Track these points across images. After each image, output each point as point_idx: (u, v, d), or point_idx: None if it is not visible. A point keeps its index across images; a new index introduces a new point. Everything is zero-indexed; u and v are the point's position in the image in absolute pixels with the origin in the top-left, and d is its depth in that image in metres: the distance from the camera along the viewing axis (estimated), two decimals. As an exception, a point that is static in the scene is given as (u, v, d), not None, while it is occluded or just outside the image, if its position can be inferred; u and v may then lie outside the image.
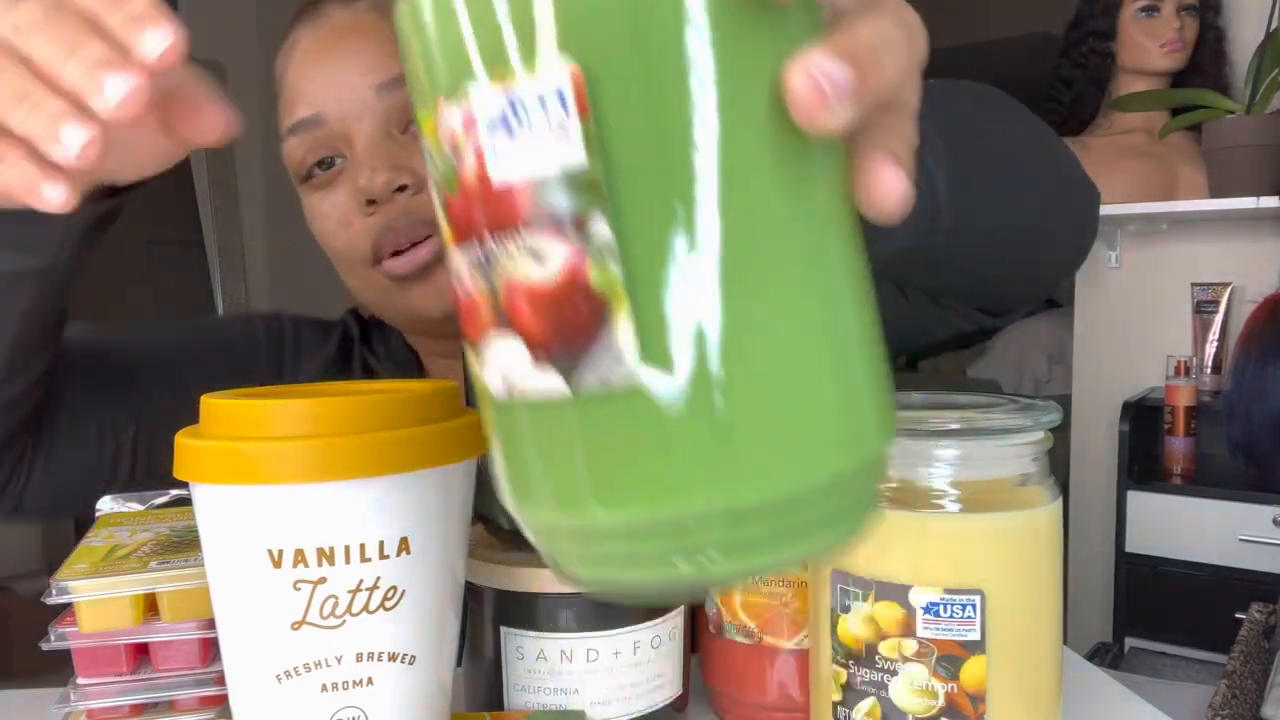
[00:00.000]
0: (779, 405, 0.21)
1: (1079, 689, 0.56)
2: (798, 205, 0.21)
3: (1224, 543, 1.66)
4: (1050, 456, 0.43)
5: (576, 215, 0.20)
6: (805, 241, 0.22)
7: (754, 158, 0.21)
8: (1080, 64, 1.97)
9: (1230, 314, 1.86)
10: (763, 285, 0.21)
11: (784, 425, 0.21)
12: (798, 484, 0.21)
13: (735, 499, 0.20)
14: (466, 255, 0.22)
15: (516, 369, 0.21)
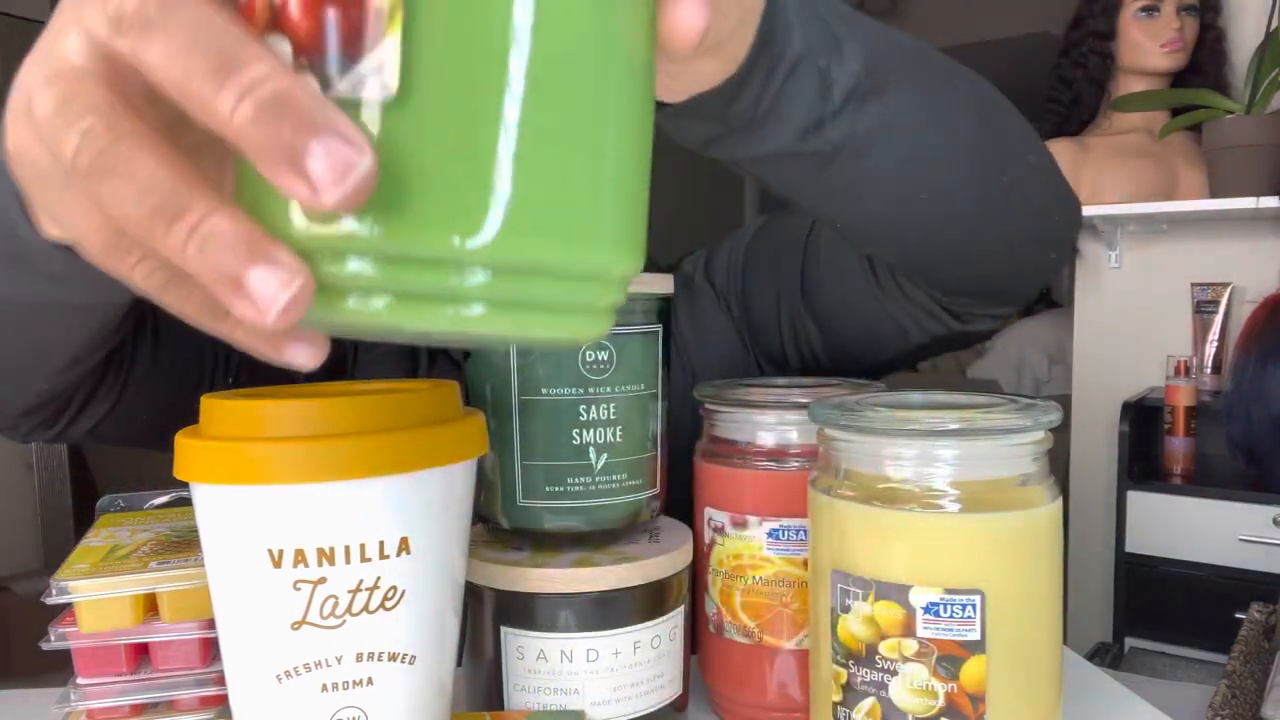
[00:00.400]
0: (520, 170, 0.22)
1: (1079, 689, 0.56)
2: (596, 10, 0.23)
3: (1224, 543, 1.66)
4: (1050, 456, 0.43)
5: None
6: (594, 41, 0.23)
7: None
8: (1080, 64, 1.97)
9: (1230, 314, 1.86)
10: (543, 59, 0.22)
11: (520, 190, 0.22)
12: (514, 251, 0.22)
13: (449, 241, 0.21)
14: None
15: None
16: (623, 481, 0.49)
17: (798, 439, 0.51)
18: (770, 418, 0.51)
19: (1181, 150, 1.90)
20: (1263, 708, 0.62)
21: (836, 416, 0.42)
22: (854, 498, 0.41)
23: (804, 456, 0.50)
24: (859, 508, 0.41)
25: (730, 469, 0.51)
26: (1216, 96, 1.76)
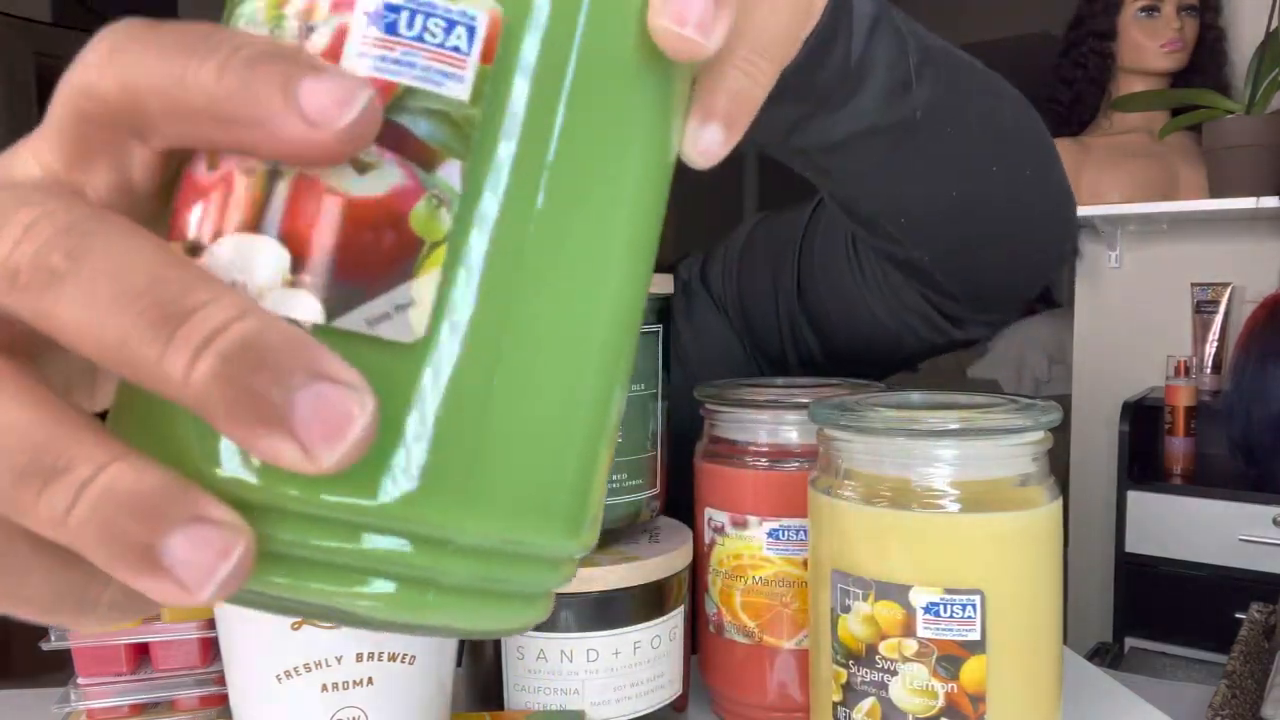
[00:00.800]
0: (525, 442, 0.19)
1: (1079, 689, 0.56)
2: (623, 270, 0.21)
3: (1224, 543, 1.66)
4: (1050, 456, 0.43)
5: (431, 149, 0.18)
6: (612, 319, 0.21)
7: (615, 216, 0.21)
8: (1080, 64, 1.97)
9: (1230, 314, 1.86)
10: (564, 317, 0.20)
11: (521, 465, 0.19)
12: (516, 531, 0.19)
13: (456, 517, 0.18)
14: None
15: (258, 279, 0.17)
16: (623, 481, 0.49)
17: (798, 439, 0.51)
18: (770, 418, 0.51)
19: (1181, 150, 1.90)
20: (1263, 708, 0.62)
21: (836, 416, 0.42)
22: (854, 498, 0.41)
23: (804, 456, 0.50)
24: (859, 508, 0.41)
25: (730, 469, 0.51)
26: (1216, 96, 1.76)
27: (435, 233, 0.18)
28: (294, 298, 0.17)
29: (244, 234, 0.18)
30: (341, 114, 0.17)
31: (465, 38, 0.18)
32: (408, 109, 0.18)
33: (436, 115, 0.18)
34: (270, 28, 0.19)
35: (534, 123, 0.19)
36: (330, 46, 0.18)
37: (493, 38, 0.18)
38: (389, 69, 0.18)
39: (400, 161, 0.18)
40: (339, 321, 0.17)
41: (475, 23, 0.18)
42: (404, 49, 0.18)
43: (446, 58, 0.18)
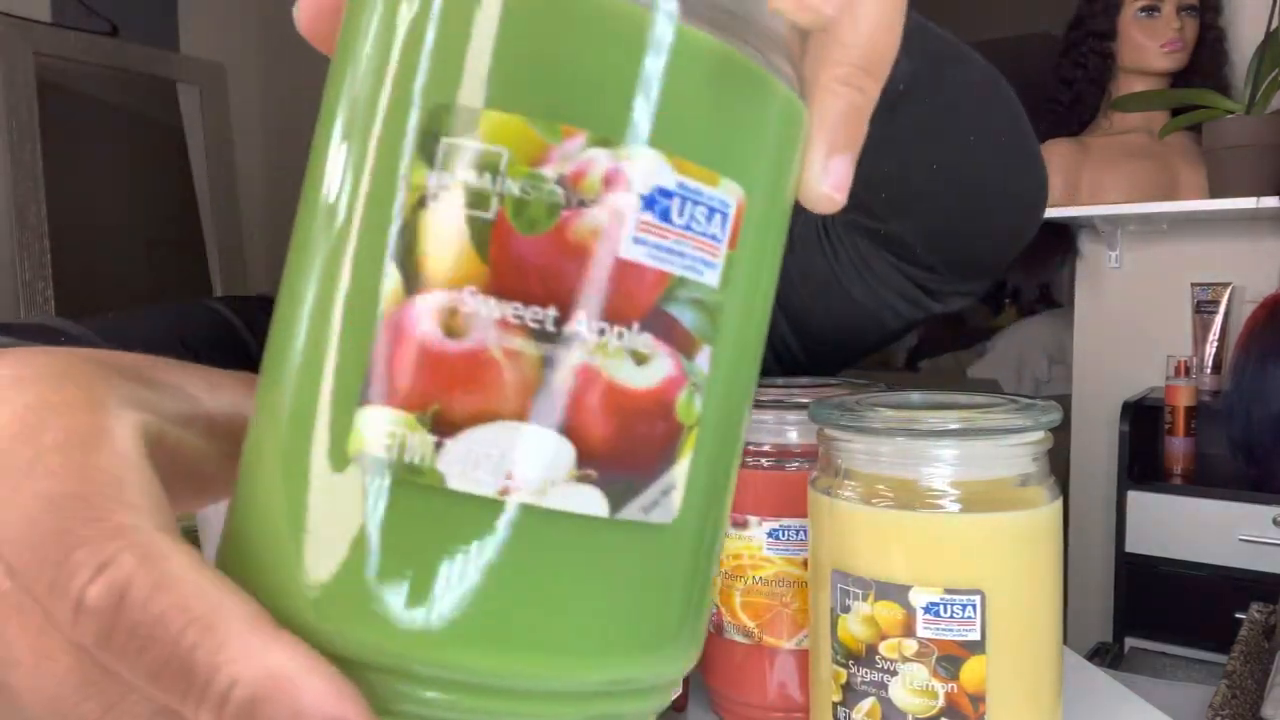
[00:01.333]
0: (710, 583, 0.21)
1: (1079, 689, 0.56)
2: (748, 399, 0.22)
3: (1224, 543, 1.66)
4: (1050, 456, 0.43)
5: (693, 337, 0.18)
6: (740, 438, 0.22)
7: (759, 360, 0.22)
8: (1080, 64, 1.97)
9: (1230, 314, 1.86)
10: (738, 451, 0.21)
11: (706, 607, 0.21)
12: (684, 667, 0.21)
13: (671, 669, 0.20)
14: (513, 315, 0.17)
15: (545, 472, 0.17)
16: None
17: (798, 439, 0.51)
18: (770, 418, 0.51)
19: (1181, 150, 1.90)
20: (1263, 708, 0.62)
21: (836, 416, 0.42)
22: (854, 498, 0.41)
23: (804, 456, 0.50)
24: (859, 508, 0.41)
25: (730, 469, 0.51)
26: (1216, 96, 1.76)
27: (692, 417, 0.19)
28: (581, 494, 0.18)
29: (520, 422, 0.17)
30: None
31: (720, 225, 0.19)
32: (677, 299, 0.18)
33: (697, 304, 0.19)
34: (521, 186, 0.17)
35: (752, 297, 0.20)
36: (608, 228, 0.17)
37: (738, 223, 0.19)
38: (662, 257, 0.18)
39: (670, 352, 0.18)
40: (620, 514, 0.18)
41: (729, 209, 0.19)
42: (675, 237, 0.18)
43: (706, 246, 0.18)
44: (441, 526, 0.17)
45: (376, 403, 0.17)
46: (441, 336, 0.17)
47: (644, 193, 0.18)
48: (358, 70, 0.19)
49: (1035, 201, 0.58)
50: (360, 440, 0.17)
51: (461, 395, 0.17)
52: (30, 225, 2.09)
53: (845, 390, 0.51)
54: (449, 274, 0.17)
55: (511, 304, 0.17)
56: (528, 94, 0.17)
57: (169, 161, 2.49)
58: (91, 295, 2.22)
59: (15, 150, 2.07)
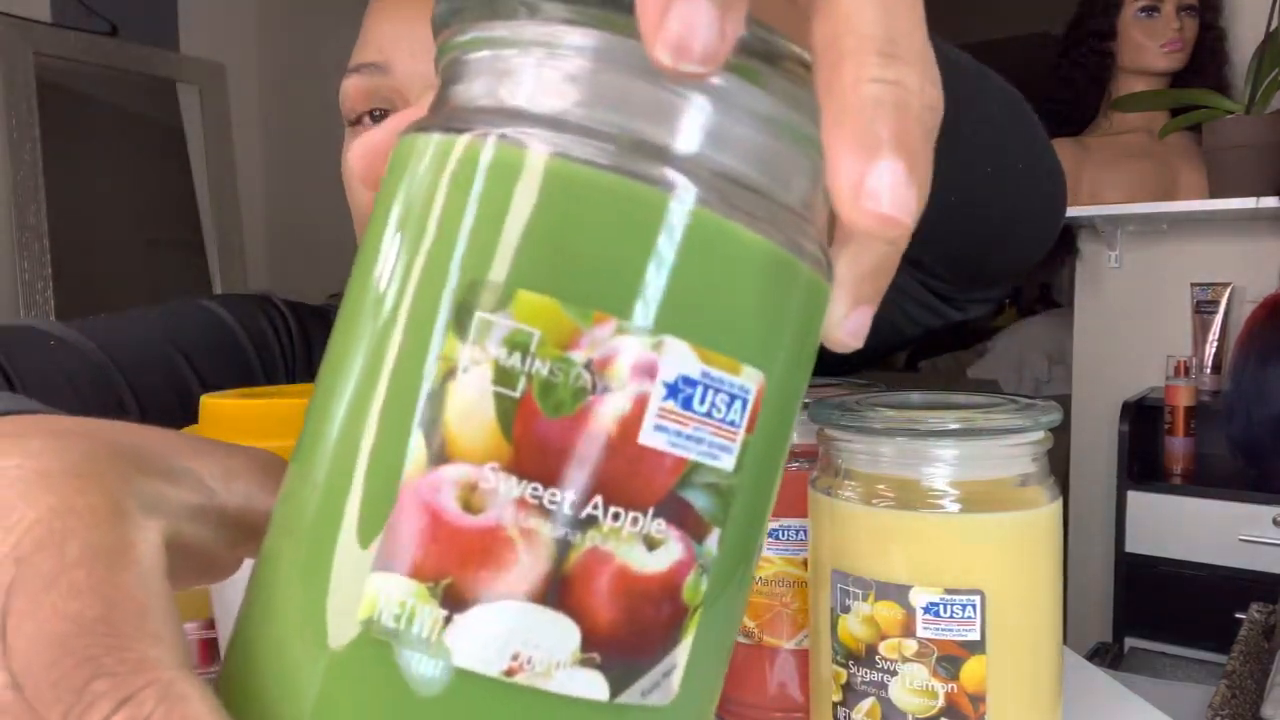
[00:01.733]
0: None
1: (1079, 689, 0.56)
2: None
3: (1224, 543, 1.66)
4: (1050, 456, 0.43)
5: (705, 521, 0.19)
6: None
7: (765, 529, 0.22)
8: (1080, 64, 1.97)
9: (1230, 314, 1.86)
10: (732, 635, 0.21)
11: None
12: None
13: None
14: (531, 495, 0.17)
15: (550, 654, 0.17)
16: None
17: (798, 439, 0.51)
18: (770, 418, 0.51)
19: (1181, 150, 1.90)
20: (1263, 708, 0.62)
21: (836, 416, 0.42)
22: (854, 498, 0.41)
23: (804, 456, 0.50)
24: (859, 508, 0.41)
25: (730, 469, 0.51)
26: (1216, 96, 1.76)
27: (697, 598, 0.19)
28: (584, 678, 0.18)
29: (532, 604, 0.17)
30: None
31: (740, 411, 0.19)
32: (691, 484, 0.18)
33: (711, 488, 0.19)
34: (550, 368, 0.17)
35: (766, 475, 0.20)
36: (631, 415, 0.18)
37: (757, 408, 0.19)
38: (681, 444, 0.18)
39: (681, 536, 0.18)
40: (621, 698, 0.18)
41: (749, 395, 0.19)
42: (695, 425, 0.18)
43: (725, 432, 0.19)
44: (447, 703, 0.18)
45: (390, 569, 0.17)
46: (460, 511, 0.17)
47: (669, 381, 0.18)
48: (398, 231, 0.19)
49: (1055, 214, 0.58)
50: (371, 606, 0.18)
51: (475, 571, 0.17)
52: (30, 225, 2.09)
53: (845, 390, 0.51)
54: (471, 448, 0.17)
55: (531, 484, 0.17)
56: (562, 277, 0.18)
57: (169, 161, 2.49)
58: (91, 295, 2.22)
59: (15, 150, 2.07)
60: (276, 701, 0.18)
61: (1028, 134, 0.53)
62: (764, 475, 0.20)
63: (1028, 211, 0.55)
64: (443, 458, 0.17)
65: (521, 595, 0.17)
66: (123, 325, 0.68)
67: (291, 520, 0.19)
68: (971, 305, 0.61)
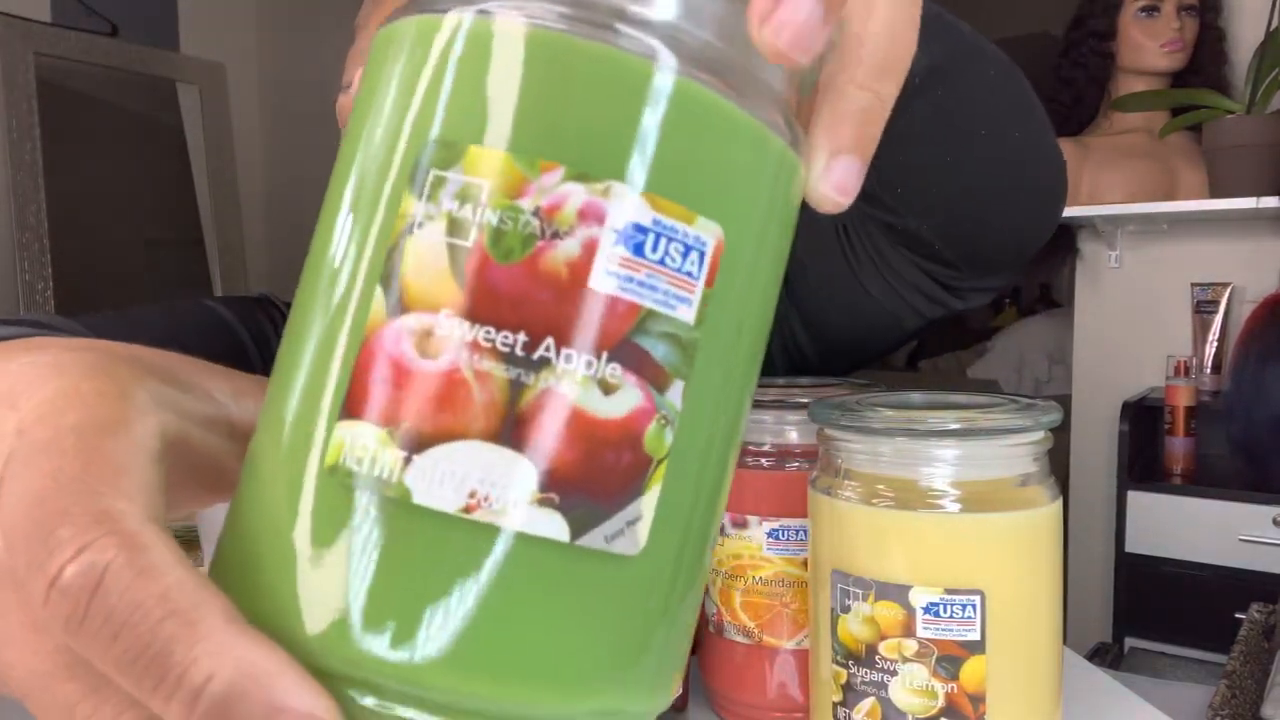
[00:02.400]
0: (686, 622, 0.21)
1: (1079, 689, 0.56)
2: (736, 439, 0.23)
3: (1224, 543, 1.66)
4: (1050, 456, 0.43)
5: (665, 371, 0.19)
6: (732, 468, 0.23)
7: (750, 391, 0.22)
8: (1080, 64, 1.97)
9: (1230, 314, 1.86)
10: (720, 488, 0.22)
11: (679, 647, 0.21)
12: (651, 707, 0.21)
13: (636, 707, 0.20)
14: (481, 335, 0.18)
15: (507, 492, 0.18)
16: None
17: (798, 439, 0.51)
18: (770, 418, 0.51)
19: (1181, 150, 1.90)
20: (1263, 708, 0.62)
21: (836, 416, 0.42)
22: (854, 498, 0.41)
23: (804, 456, 0.50)
24: (859, 508, 0.41)
25: (730, 469, 0.51)
26: (1216, 96, 1.76)
27: (660, 450, 0.19)
28: (543, 517, 0.18)
29: (486, 443, 0.18)
30: None
31: (697, 262, 0.19)
32: (648, 332, 0.19)
33: (670, 338, 0.19)
34: (499, 216, 0.18)
35: (732, 336, 0.20)
36: (580, 259, 0.18)
37: (716, 262, 0.19)
38: (634, 290, 0.18)
39: (639, 383, 0.18)
40: (582, 540, 0.18)
41: (706, 247, 0.19)
42: (649, 271, 0.18)
43: (682, 282, 0.19)
44: (408, 542, 0.18)
45: (353, 417, 0.18)
46: (416, 356, 0.18)
47: (618, 227, 0.18)
48: (363, 115, 0.20)
49: (1054, 195, 0.57)
50: (337, 452, 0.18)
51: (431, 413, 0.18)
52: (30, 225, 2.09)
53: (845, 390, 0.51)
54: (426, 297, 0.18)
55: (484, 328, 0.18)
56: (510, 131, 0.18)
57: (169, 161, 2.49)
58: (91, 295, 2.22)
59: (15, 150, 2.07)
60: (261, 554, 0.19)
61: (1024, 101, 0.53)
62: (733, 336, 0.20)
63: (1026, 182, 0.55)
64: (400, 308, 0.18)
65: (476, 435, 0.18)
66: (124, 322, 0.69)
67: (274, 387, 0.20)
68: (973, 294, 0.61)
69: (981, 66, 0.50)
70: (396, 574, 0.18)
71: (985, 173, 0.52)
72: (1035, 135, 0.54)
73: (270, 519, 0.19)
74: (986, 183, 0.53)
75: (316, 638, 0.18)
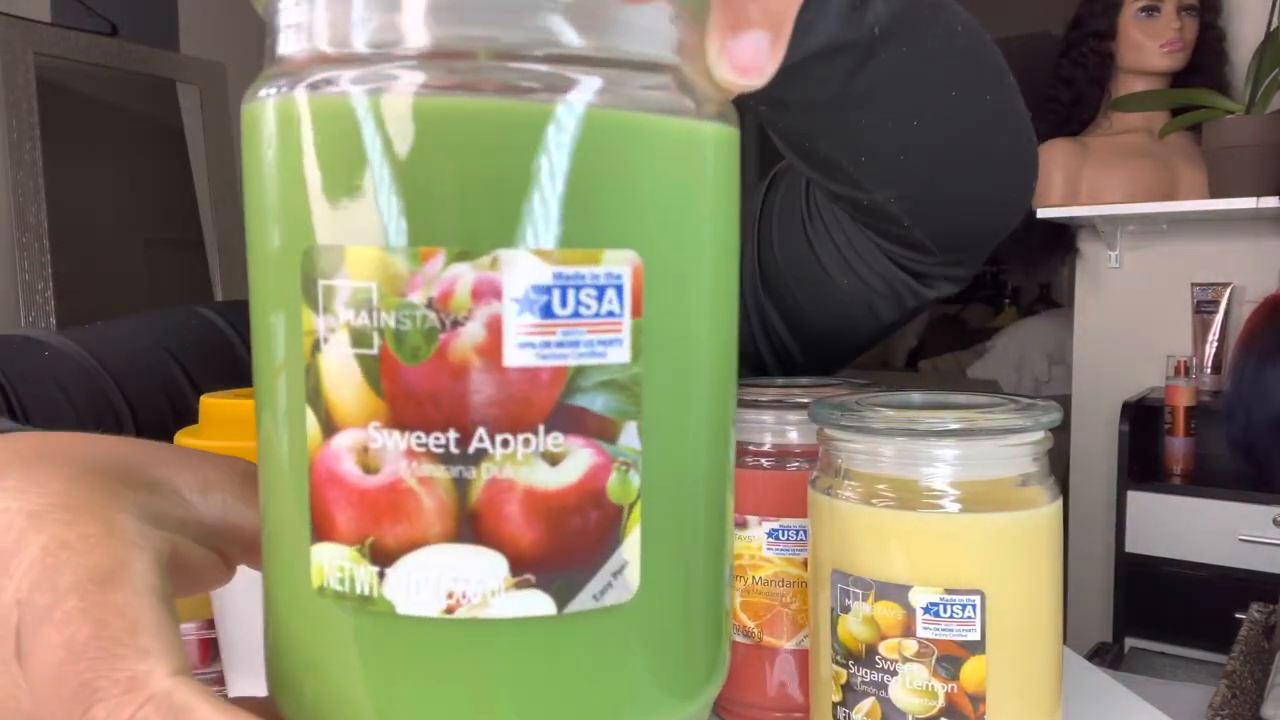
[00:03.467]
0: (712, 634, 0.21)
1: (1079, 689, 0.56)
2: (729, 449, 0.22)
3: (1224, 543, 1.66)
4: (1050, 456, 0.43)
5: (611, 420, 0.18)
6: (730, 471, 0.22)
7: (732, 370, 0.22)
8: (1080, 64, 1.97)
9: (1230, 314, 1.86)
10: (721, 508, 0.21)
11: (712, 655, 0.21)
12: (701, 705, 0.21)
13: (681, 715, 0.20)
14: (414, 441, 0.17)
15: (482, 585, 0.18)
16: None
17: (798, 439, 0.51)
18: (770, 418, 0.51)
19: (1181, 150, 1.90)
20: (1263, 708, 0.62)
21: (836, 416, 0.42)
22: (854, 498, 0.41)
23: (804, 456, 0.50)
24: (859, 508, 0.41)
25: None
26: (1216, 96, 1.76)
27: (629, 495, 0.18)
28: (524, 598, 0.18)
29: (449, 544, 0.17)
30: None
31: (616, 299, 0.18)
32: (581, 389, 0.18)
33: (608, 386, 0.18)
34: (395, 318, 0.17)
35: (681, 352, 0.19)
36: (488, 342, 0.17)
37: (638, 289, 0.18)
38: (554, 354, 0.17)
39: (587, 443, 0.18)
40: (570, 608, 0.18)
41: (622, 281, 0.18)
42: (564, 329, 0.17)
43: (605, 326, 0.18)
44: (403, 648, 0.18)
45: (323, 540, 0.18)
46: (359, 473, 0.18)
47: (517, 296, 0.17)
48: (251, 202, 0.19)
49: (1026, 165, 0.56)
50: (320, 575, 0.18)
51: (389, 526, 0.18)
52: (30, 225, 2.09)
53: (845, 390, 0.51)
54: (352, 413, 0.18)
55: (414, 433, 0.17)
56: (380, 223, 0.17)
57: (169, 161, 2.49)
58: (91, 295, 2.22)
59: (15, 150, 2.07)
60: (291, 666, 0.20)
61: (992, 65, 0.51)
62: (683, 351, 0.19)
63: (996, 151, 0.54)
64: (333, 427, 0.18)
65: (437, 538, 0.17)
66: (115, 332, 0.68)
67: (262, 509, 0.21)
68: (940, 282, 0.60)
69: (947, 20, 0.48)
70: (407, 683, 0.18)
71: (952, 140, 0.50)
72: (1005, 102, 0.52)
73: (287, 633, 0.20)
74: (954, 152, 0.51)
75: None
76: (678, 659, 0.20)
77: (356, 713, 0.18)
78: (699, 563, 0.20)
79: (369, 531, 0.18)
